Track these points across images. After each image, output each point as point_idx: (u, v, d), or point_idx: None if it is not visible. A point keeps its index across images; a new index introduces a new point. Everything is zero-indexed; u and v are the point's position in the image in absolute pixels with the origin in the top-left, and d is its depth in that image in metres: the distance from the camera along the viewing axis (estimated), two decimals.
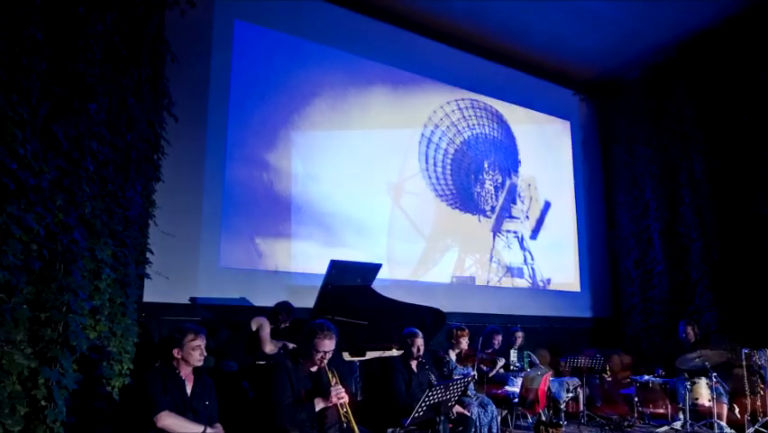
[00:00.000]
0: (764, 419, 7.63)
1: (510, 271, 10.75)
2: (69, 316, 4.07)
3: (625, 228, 11.83)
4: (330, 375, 4.45)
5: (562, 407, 8.23)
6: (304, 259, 8.30)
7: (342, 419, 4.31)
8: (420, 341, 5.76)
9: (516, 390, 7.40)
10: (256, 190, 8.25)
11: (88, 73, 4.71)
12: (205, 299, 7.47)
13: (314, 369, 4.56)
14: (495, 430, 6.51)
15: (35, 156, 3.89)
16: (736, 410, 8.02)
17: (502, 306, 10.33)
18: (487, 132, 11.08)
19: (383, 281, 7.20)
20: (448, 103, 10.65)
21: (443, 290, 9.71)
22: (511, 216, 11.04)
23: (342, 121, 9.24)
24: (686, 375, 7.95)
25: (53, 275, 4.03)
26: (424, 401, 4.44)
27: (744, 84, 9.53)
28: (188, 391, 4.10)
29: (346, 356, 6.48)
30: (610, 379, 9.38)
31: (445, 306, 7.98)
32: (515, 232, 11.03)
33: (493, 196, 10.87)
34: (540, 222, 11.51)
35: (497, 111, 11.33)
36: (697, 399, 7.80)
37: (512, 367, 8.47)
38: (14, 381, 3.64)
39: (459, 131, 10.67)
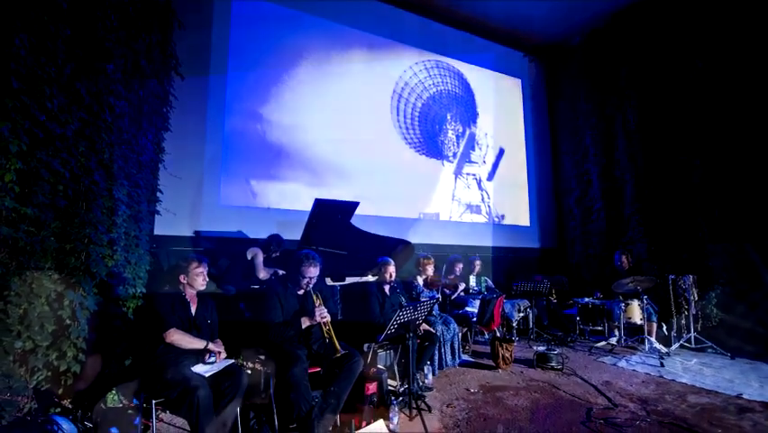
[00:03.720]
0: (687, 336, 7.86)
1: (470, 208, 10.87)
2: (90, 247, 4.16)
3: (568, 171, 12.00)
4: (315, 298, 4.58)
5: (514, 325, 8.45)
6: (292, 198, 8.33)
7: (325, 335, 4.45)
8: (392, 268, 5.87)
9: (475, 310, 7.55)
10: (251, 139, 8.22)
11: (106, 38, 4.70)
12: (207, 233, 7.51)
13: (301, 292, 4.69)
14: (456, 345, 6.71)
15: (61, 109, 3.92)
16: (664, 328, 8.27)
17: (463, 238, 10.50)
18: (449, 88, 11.03)
19: (360, 217, 7.23)
20: (416, 64, 10.58)
21: (412, 224, 9.82)
22: (470, 161, 11.10)
23: (325, 79, 9.19)
24: (621, 298, 8.23)
25: (77, 212, 4.11)
26: (395, 320, 4.55)
27: (670, 47, 9.50)
28: (193, 311, 4.20)
29: (329, 281, 6.56)
30: (555, 301, 9.57)
31: (414, 238, 8.12)
32: (473, 174, 11.10)
33: (455, 144, 10.89)
34: (495, 166, 11.58)
35: (458, 71, 11.26)
36: (630, 318, 8.06)
37: (471, 291, 8.64)
38: (43, 302, 3.72)
39: (425, 88, 10.62)
